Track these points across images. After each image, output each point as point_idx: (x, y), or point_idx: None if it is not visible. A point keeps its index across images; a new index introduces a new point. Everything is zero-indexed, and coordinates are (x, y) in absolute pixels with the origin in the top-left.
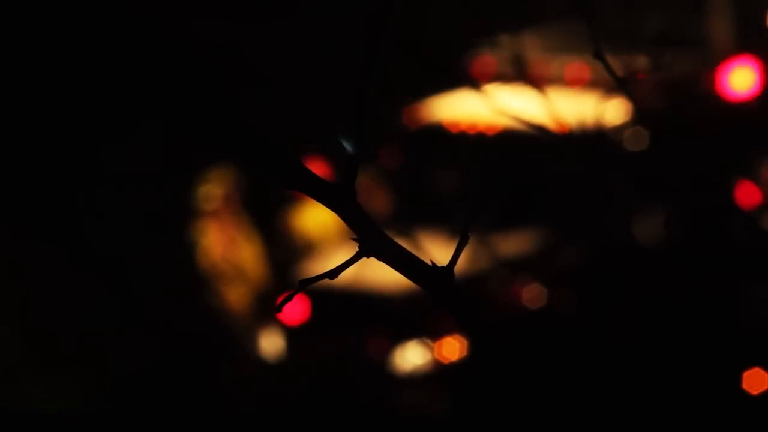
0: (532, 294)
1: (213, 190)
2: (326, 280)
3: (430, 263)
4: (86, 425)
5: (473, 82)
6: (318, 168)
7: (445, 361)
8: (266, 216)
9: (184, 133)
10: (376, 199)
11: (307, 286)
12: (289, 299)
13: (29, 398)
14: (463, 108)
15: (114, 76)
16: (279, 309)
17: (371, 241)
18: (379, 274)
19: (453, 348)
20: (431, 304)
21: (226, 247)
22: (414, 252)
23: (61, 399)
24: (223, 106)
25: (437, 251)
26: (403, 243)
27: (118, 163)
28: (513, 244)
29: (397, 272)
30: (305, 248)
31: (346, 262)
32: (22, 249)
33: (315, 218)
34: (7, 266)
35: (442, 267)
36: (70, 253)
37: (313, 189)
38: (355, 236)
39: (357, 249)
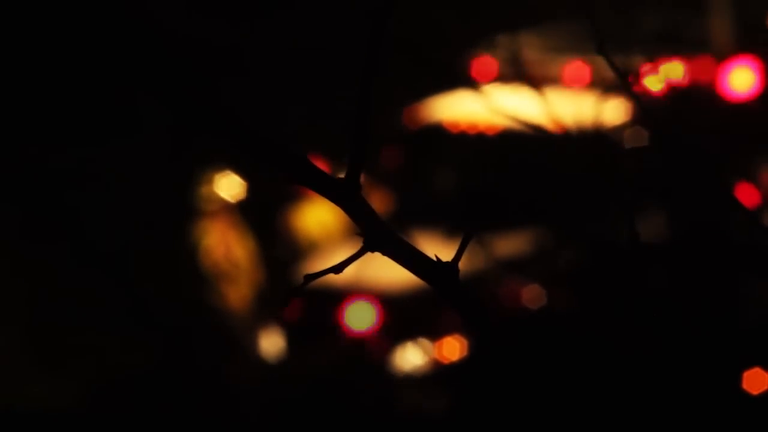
0: (532, 294)
1: (214, 190)
2: (328, 279)
3: (434, 258)
4: (86, 425)
5: (473, 82)
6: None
7: (445, 361)
8: (267, 216)
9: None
10: (376, 199)
11: (313, 280)
12: (295, 293)
13: (29, 398)
14: (463, 108)
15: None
16: (286, 303)
17: (376, 235)
18: (379, 274)
19: (453, 348)
20: (433, 301)
21: (228, 247)
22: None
23: (61, 399)
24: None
25: (437, 251)
26: None
27: (120, 162)
28: (513, 244)
29: (397, 272)
30: (306, 248)
31: (351, 256)
32: (23, 249)
33: (315, 218)
34: (8, 266)
35: (447, 262)
36: (71, 253)
37: (319, 184)
38: (359, 231)
39: (360, 246)
